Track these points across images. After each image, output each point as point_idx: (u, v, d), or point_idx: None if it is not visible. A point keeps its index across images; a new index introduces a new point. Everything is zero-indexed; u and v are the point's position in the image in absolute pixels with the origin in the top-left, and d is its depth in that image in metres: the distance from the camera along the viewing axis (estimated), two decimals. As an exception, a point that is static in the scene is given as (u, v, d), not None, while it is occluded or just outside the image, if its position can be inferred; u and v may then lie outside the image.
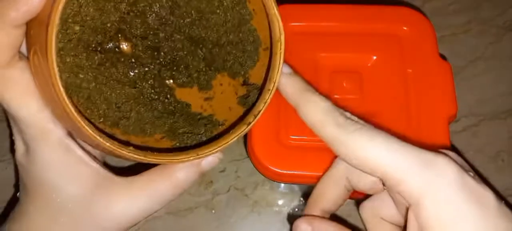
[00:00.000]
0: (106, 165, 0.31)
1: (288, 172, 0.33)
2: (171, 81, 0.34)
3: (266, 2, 0.28)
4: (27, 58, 0.28)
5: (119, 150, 0.26)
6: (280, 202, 0.44)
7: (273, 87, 0.29)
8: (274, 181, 0.35)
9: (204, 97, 0.34)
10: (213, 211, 0.44)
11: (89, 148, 0.30)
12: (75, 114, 0.25)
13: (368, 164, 0.26)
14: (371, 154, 0.26)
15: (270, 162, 0.33)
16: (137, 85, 0.33)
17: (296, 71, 0.31)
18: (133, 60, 0.33)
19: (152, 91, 0.34)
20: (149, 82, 0.33)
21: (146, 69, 0.33)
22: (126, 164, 0.43)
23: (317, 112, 0.28)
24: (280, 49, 0.29)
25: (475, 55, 0.50)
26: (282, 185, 0.44)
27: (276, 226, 0.44)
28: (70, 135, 0.29)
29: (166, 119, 0.33)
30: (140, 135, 0.32)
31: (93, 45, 0.31)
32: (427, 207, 0.25)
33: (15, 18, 0.25)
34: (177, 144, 0.32)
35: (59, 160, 0.29)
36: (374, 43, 0.37)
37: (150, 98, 0.33)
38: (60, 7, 0.24)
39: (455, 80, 0.36)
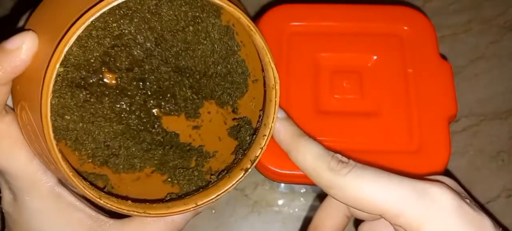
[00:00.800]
0: (98, 207, 0.30)
1: (288, 172, 0.33)
2: (157, 109, 0.34)
3: (260, 50, 0.28)
4: (13, 110, 0.27)
5: (117, 205, 0.26)
6: (280, 202, 0.44)
7: (269, 133, 0.29)
8: (274, 181, 0.35)
9: (192, 125, 0.34)
10: (213, 211, 0.44)
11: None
12: (76, 179, 0.25)
13: (365, 204, 0.27)
14: (366, 194, 0.26)
15: (270, 162, 0.33)
16: (124, 119, 0.33)
17: (288, 115, 0.31)
18: (117, 92, 0.32)
19: (139, 122, 0.33)
20: (136, 113, 0.33)
21: (132, 100, 0.33)
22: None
23: (309, 158, 0.29)
24: (276, 97, 0.29)
25: (475, 55, 0.50)
26: (282, 185, 0.44)
27: (276, 226, 0.44)
28: (61, 182, 0.28)
29: (155, 151, 0.33)
30: (130, 170, 0.32)
31: (77, 81, 0.31)
32: None
33: (0, 77, 0.25)
34: (169, 179, 0.32)
35: (50, 208, 0.28)
36: (374, 43, 0.37)
37: (137, 130, 0.33)
38: (54, 75, 0.23)
39: (456, 80, 0.36)
